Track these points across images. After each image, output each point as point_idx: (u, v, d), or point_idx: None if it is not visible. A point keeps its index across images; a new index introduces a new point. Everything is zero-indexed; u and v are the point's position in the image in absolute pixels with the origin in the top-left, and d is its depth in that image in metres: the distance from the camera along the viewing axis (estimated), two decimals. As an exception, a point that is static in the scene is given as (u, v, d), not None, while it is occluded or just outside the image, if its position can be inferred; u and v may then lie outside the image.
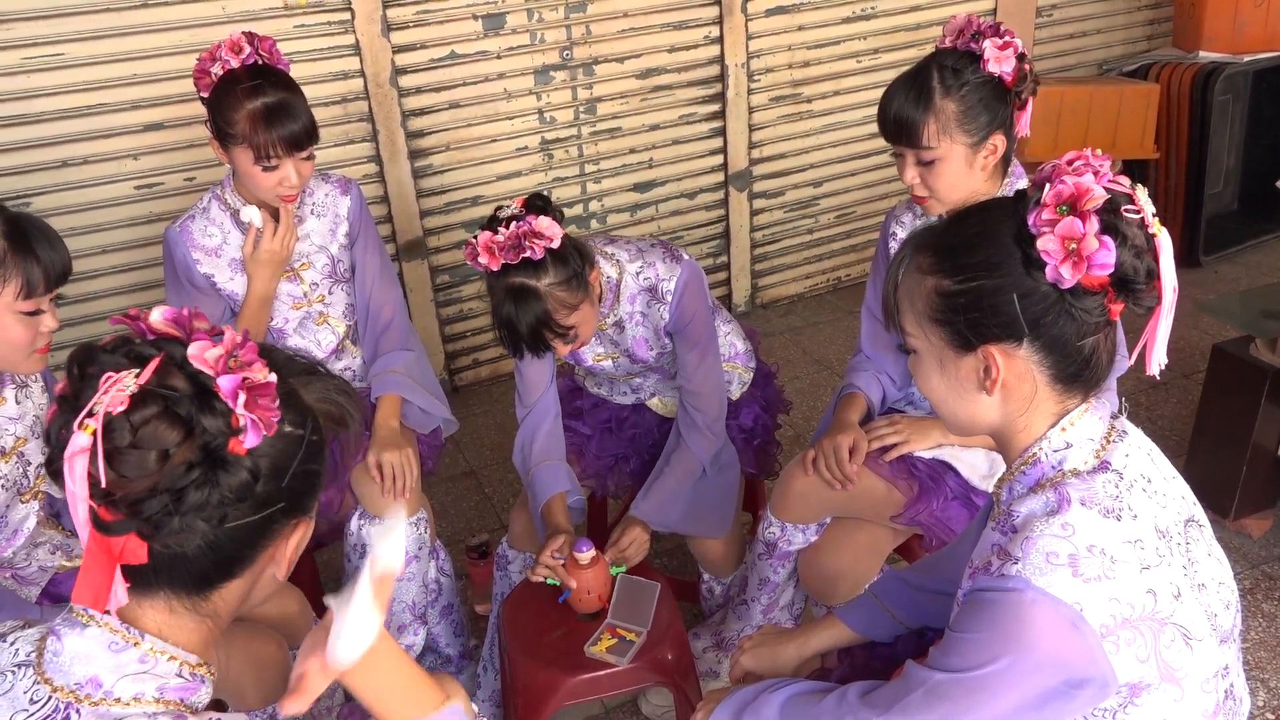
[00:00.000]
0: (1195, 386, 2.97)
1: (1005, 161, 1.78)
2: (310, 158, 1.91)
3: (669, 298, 1.90)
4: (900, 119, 1.73)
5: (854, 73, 3.68)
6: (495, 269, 1.70)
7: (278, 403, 0.87)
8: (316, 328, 2.10)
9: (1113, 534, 1.01)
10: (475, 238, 1.70)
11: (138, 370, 0.82)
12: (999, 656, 1.00)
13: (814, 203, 3.85)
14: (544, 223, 1.68)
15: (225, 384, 0.83)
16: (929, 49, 3.99)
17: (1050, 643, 0.97)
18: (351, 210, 2.07)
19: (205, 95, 1.86)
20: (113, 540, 0.83)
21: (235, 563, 0.92)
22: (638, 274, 1.92)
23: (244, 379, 0.84)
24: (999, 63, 1.69)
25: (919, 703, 1.08)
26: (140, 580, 0.89)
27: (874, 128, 3.82)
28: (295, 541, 0.96)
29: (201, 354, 0.84)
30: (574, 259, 1.73)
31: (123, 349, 0.85)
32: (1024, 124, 1.79)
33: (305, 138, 1.86)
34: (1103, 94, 3.71)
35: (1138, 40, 4.24)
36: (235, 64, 1.82)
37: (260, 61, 1.85)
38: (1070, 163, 1.05)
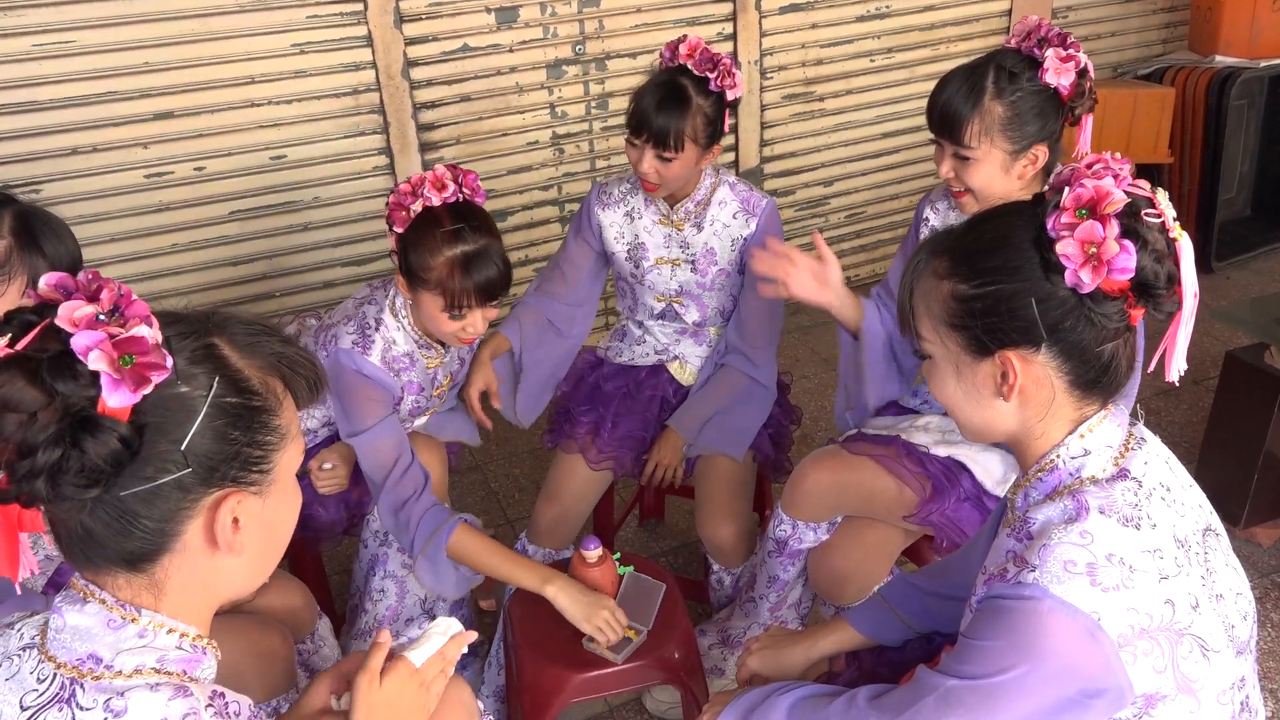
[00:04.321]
0: (1206, 393, 2.96)
1: (1046, 172, 1.76)
2: (498, 304, 1.81)
3: (759, 212, 2.10)
4: (947, 112, 1.72)
5: (867, 72, 3.66)
6: (674, 65, 1.95)
7: (169, 360, 0.83)
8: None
9: (1132, 543, 1.00)
10: (688, 35, 1.96)
11: (13, 336, 0.81)
12: (1015, 665, 0.99)
13: (824, 202, 3.83)
14: (740, 75, 1.96)
15: (79, 341, 0.80)
16: (943, 49, 3.97)
17: (1067, 652, 0.96)
18: None
19: (399, 230, 1.74)
20: (8, 508, 0.82)
21: (152, 536, 0.87)
22: (734, 186, 2.12)
23: (109, 334, 0.81)
24: (1058, 74, 1.67)
25: (931, 709, 1.07)
26: (81, 556, 0.89)
27: (886, 127, 3.85)
28: (226, 515, 0.89)
29: (69, 314, 0.81)
30: (721, 119, 1.99)
31: (14, 318, 0.83)
32: (1084, 141, 1.77)
33: (501, 288, 1.75)
34: (1117, 97, 3.69)
35: (1153, 43, 4.21)
36: (436, 201, 1.71)
37: (462, 198, 1.74)
38: (1090, 166, 1.04)
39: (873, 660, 1.46)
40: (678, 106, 1.91)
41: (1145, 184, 1.03)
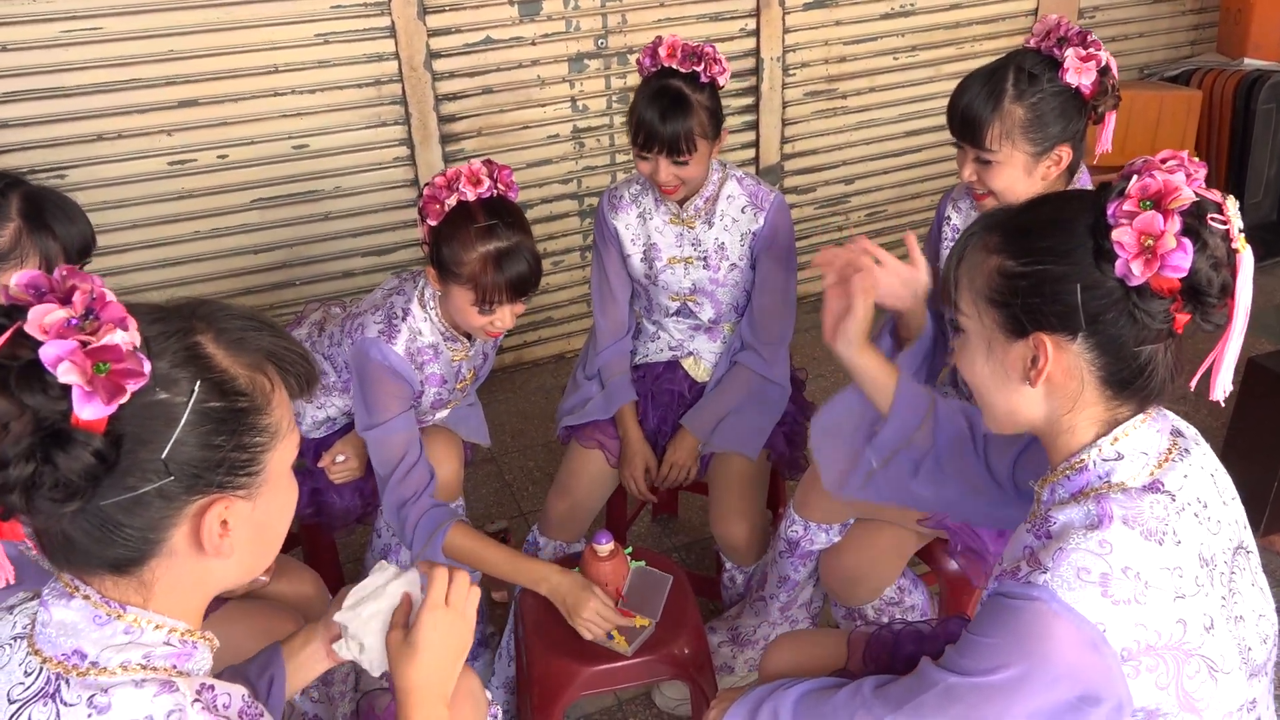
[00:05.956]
0: (1228, 398, 2.93)
1: (1070, 171, 1.75)
2: (526, 299, 1.83)
3: (766, 206, 2.09)
4: (967, 116, 1.70)
5: (890, 70, 3.64)
6: (656, 68, 1.94)
7: (146, 365, 0.79)
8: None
9: (1151, 558, 0.98)
10: (663, 37, 1.95)
11: None
12: (1013, 663, 0.98)
13: (845, 200, 3.82)
14: (724, 62, 1.95)
15: (48, 352, 0.76)
16: (967, 47, 3.93)
17: (1067, 658, 0.95)
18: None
19: (433, 223, 1.74)
20: None
21: (136, 544, 0.85)
22: (741, 180, 2.12)
23: (81, 343, 0.77)
24: (1078, 74, 1.65)
25: (932, 704, 1.07)
26: (65, 561, 0.87)
27: (909, 126, 3.83)
28: (213, 521, 0.87)
29: (39, 319, 0.77)
30: (719, 108, 1.98)
31: None
32: (1106, 139, 1.74)
33: (532, 284, 1.77)
34: (1143, 99, 3.65)
35: (1181, 45, 4.17)
36: (471, 196, 1.72)
37: (496, 193, 1.75)
38: (1164, 160, 1.01)
39: (887, 660, 1.45)
40: (681, 110, 1.90)
41: (1218, 192, 1.00)
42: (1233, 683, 1.01)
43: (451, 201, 1.72)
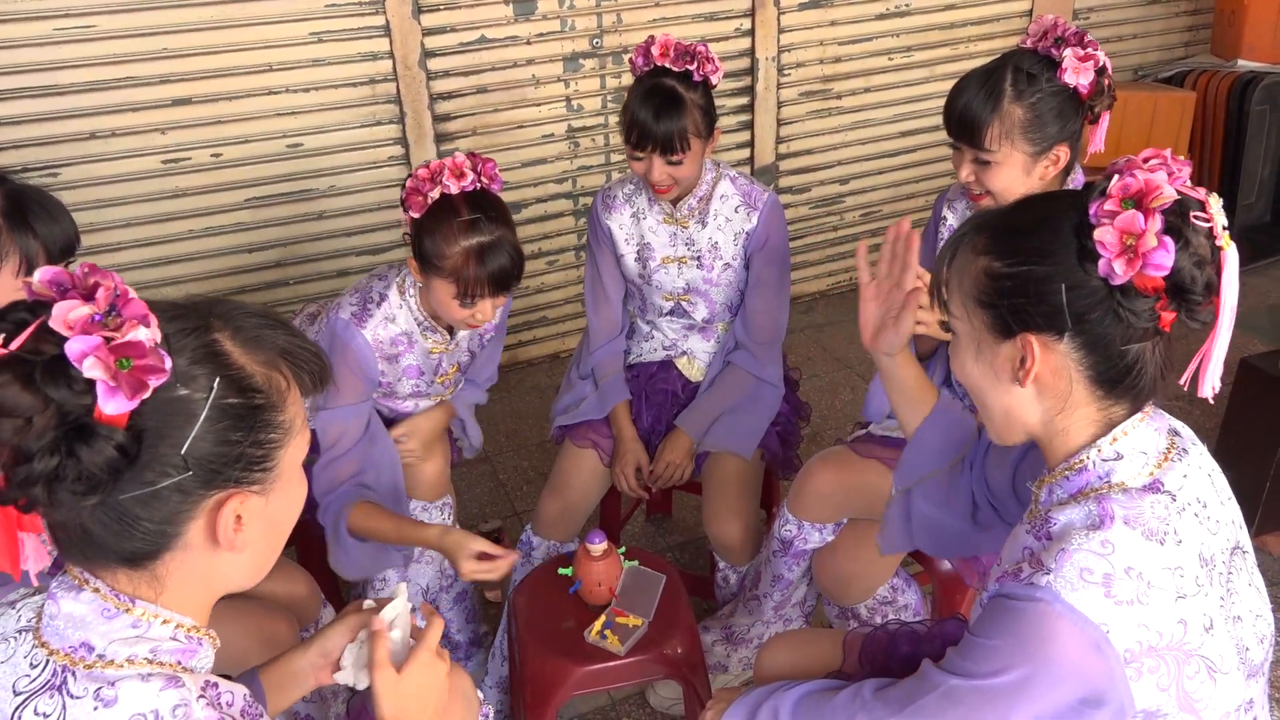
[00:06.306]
0: (1219, 399, 2.93)
1: (1066, 171, 1.75)
2: (508, 293, 1.82)
3: (760, 206, 2.09)
4: (965, 117, 1.70)
5: (885, 70, 3.64)
6: (649, 67, 1.94)
7: (167, 362, 0.80)
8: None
9: (1153, 558, 0.98)
10: (655, 36, 1.96)
11: (6, 337, 0.78)
12: (1016, 666, 0.98)
13: (839, 200, 3.82)
14: (717, 61, 1.96)
15: (74, 347, 0.77)
16: (963, 48, 3.93)
17: (1070, 660, 0.95)
18: (502, 313, 2.04)
19: (415, 215, 1.73)
20: (7, 507, 0.81)
21: (153, 537, 0.86)
22: (734, 179, 2.12)
23: (105, 339, 0.78)
24: (1076, 74, 1.65)
25: (933, 706, 1.06)
26: (80, 555, 0.88)
27: (904, 126, 3.83)
28: (229, 515, 0.88)
29: (64, 315, 0.79)
30: (712, 107, 1.98)
31: (9, 315, 0.80)
32: (1099, 139, 1.75)
33: (514, 278, 1.75)
34: (1137, 100, 3.66)
35: (1175, 46, 4.18)
36: (454, 189, 1.70)
37: (480, 187, 1.74)
38: (1146, 160, 1.01)
39: (884, 661, 1.45)
40: (674, 109, 1.90)
41: (1202, 190, 1.00)
42: (1231, 683, 1.01)
43: (434, 194, 1.72)
